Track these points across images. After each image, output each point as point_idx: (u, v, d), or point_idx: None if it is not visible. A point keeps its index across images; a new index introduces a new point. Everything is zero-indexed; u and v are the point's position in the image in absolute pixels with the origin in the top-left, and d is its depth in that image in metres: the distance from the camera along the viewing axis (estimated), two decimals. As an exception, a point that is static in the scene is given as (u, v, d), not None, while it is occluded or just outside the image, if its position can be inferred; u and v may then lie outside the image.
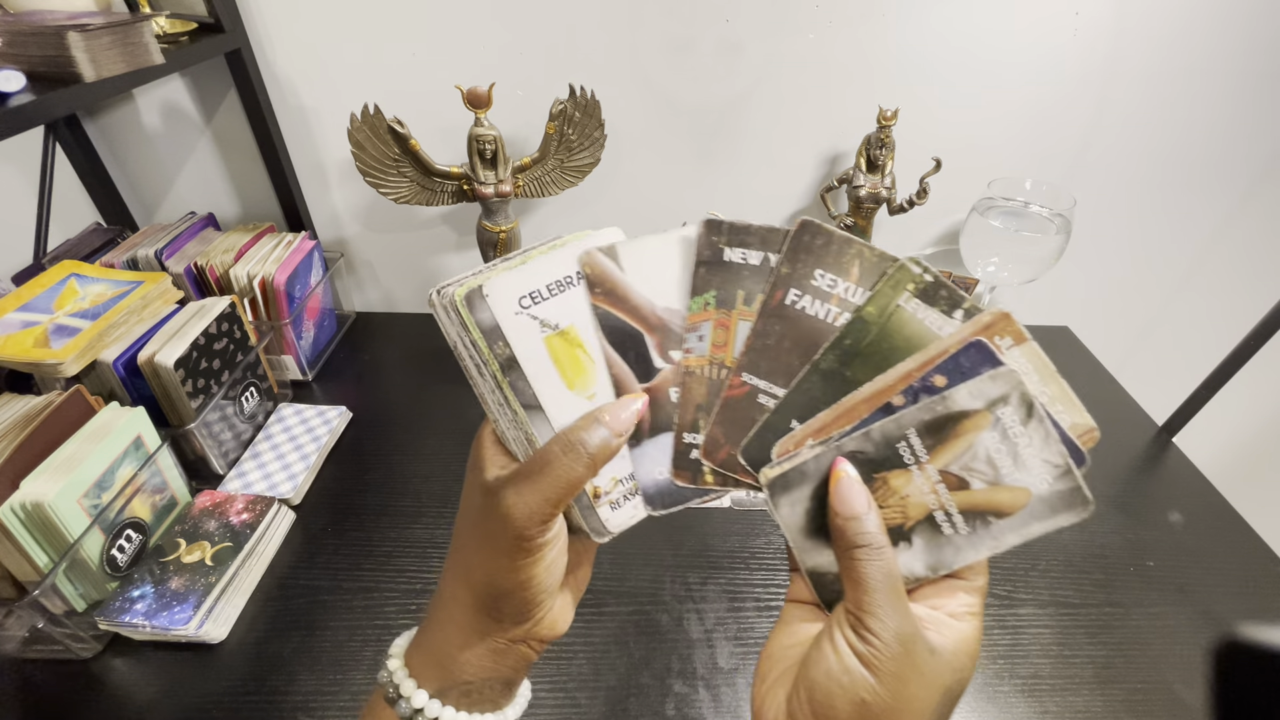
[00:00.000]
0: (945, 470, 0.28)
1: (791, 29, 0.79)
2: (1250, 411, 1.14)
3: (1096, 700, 0.55)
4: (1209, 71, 0.81)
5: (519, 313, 0.28)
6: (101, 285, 0.69)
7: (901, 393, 0.28)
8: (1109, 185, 0.90)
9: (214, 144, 0.89)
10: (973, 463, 0.27)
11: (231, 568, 0.60)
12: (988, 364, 0.27)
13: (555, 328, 0.29)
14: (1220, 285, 1.01)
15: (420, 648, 0.30)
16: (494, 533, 0.27)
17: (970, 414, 0.27)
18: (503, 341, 0.28)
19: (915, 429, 0.28)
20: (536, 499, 0.26)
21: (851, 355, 0.29)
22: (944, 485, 0.28)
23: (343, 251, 0.97)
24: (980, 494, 0.28)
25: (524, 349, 0.28)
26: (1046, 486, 0.27)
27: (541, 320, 0.29)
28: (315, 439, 0.76)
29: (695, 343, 0.30)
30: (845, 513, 0.27)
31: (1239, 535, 0.70)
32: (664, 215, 0.87)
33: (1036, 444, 0.27)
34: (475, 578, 0.29)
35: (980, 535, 0.28)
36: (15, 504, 0.50)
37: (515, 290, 0.28)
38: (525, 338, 0.28)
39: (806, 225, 0.29)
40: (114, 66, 0.57)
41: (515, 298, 0.28)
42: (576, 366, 0.29)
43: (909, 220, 0.88)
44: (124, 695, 0.54)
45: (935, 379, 0.28)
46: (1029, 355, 0.28)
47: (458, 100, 0.72)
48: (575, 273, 0.29)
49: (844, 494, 0.27)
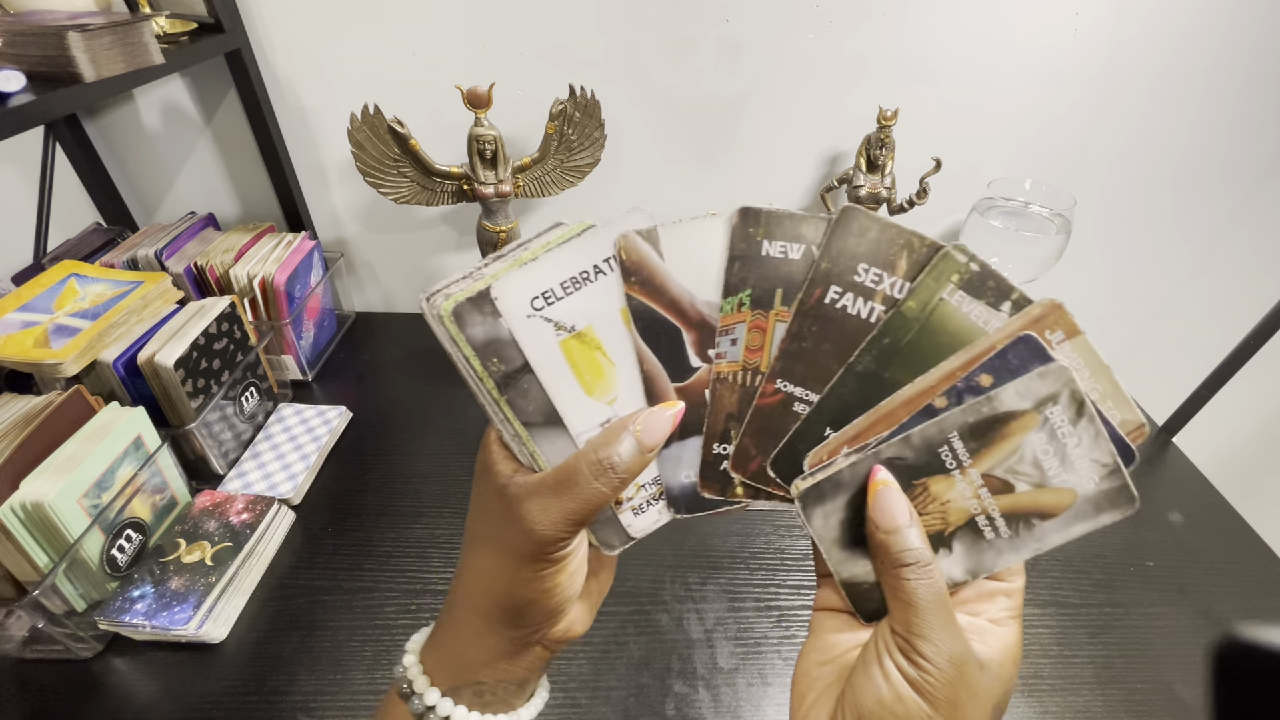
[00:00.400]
0: (989, 474, 0.26)
1: (791, 29, 0.79)
2: (1250, 411, 1.14)
3: (1096, 700, 0.55)
4: (1209, 73, 0.81)
5: (531, 315, 0.25)
6: (101, 285, 0.69)
7: (944, 393, 0.26)
8: (1109, 185, 0.90)
9: (214, 144, 0.89)
10: (1019, 465, 0.26)
11: (231, 568, 0.60)
12: (1037, 360, 0.25)
13: (571, 329, 0.26)
14: (1220, 286, 1.01)
15: (435, 646, 0.30)
16: (515, 543, 0.26)
17: (1018, 415, 0.25)
18: (497, 359, 0.26)
19: (958, 432, 0.26)
20: (560, 515, 0.25)
21: (891, 355, 0.27)
22: (986, 489, 0.26)
23: (343, 251, 0.97)
24: (1025, 497, 0.26)
25: (538, 356, 0.26)
26: (1094, 486, 0.26)
27: (557, 322, 0.26)
28: (315, 439, 0.76)
29: (728, 346, 0.28)
30: (886, 525, 0.26)
31: (1239, 535, 0.70)
32: (664, 215, 0.87)
33: (1086, 444, 0.25)
34: (495, 587, 0.28)
35: (1023, 538, 0.27)
36: (15, 504, 0.50)
37: (526, 291, 0.25)
38: (539, 343, 0.26)
39: (849, 213, 0.26)
40: (114, 66, 0.57)
41: (527, 299, 0.25)
42: (596, 371, 0.27)
43: (909, 220, 0.88)
44: (124, 695, 0.54)
45: (981, 378, 0.26)
46: (1080, 349, 0.26)
47: (458, 100, 0.72)
48: (593, 266, 0.26)
49: (884, 505, 0.26)
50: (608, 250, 0.27)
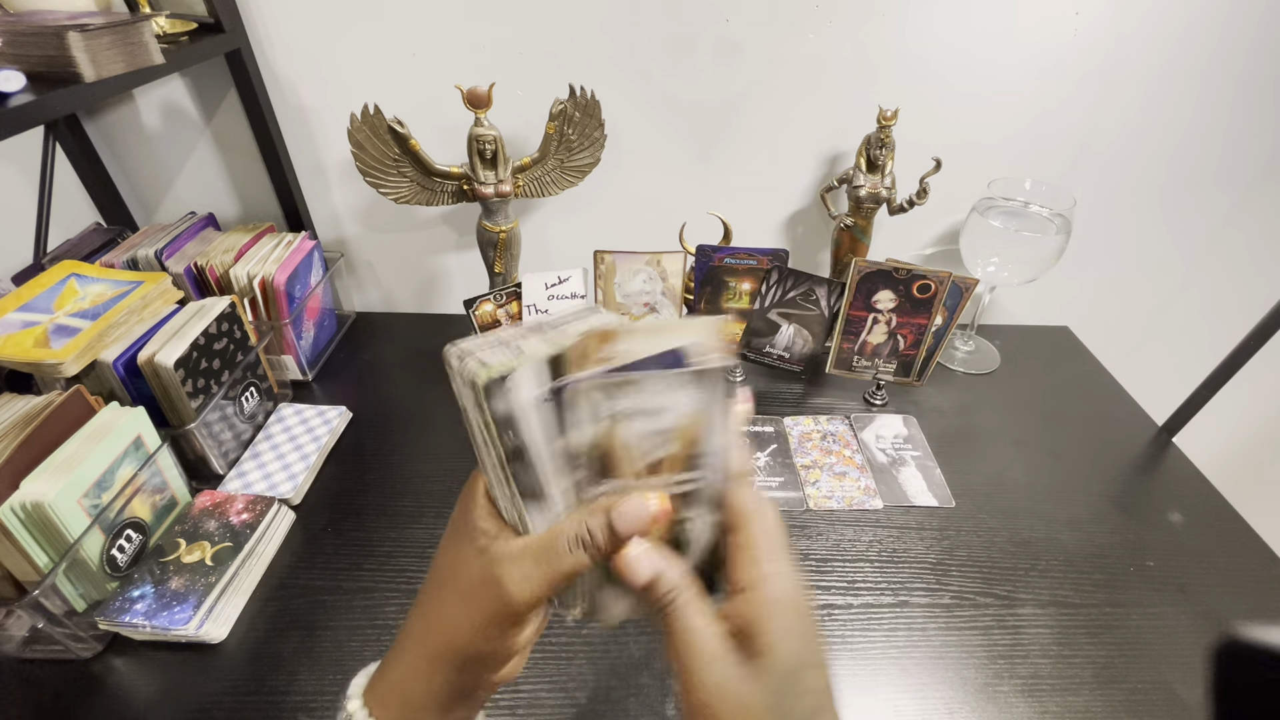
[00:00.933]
0: (650, 472, 0.28)
1: (791, 29, 0.79)
2: (1250, 411, 1.14)
3: (1096, 700, 0.55)
4: (1209, 73, 0.81)
5: (541, 405, 0.26)
6: (101, 285, 0.69)
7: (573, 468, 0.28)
8: (1109, 185, 0.90)
9: (214, 144, 0.89)
10: (649, 450, 0.28)
11: (231, 568, 0.60)
12: (561, 391, 0.26)
13: (623, 418, 0.28)
14: (1220, 285, 1.01)
15: (383, 683, 0.31)
16: (488, 603, 0.27)
17: (600, 432, 0.27)
18: (513, 432, 0.26)
19: (584, 485, 0.28)
20: (540, 582, 0.27)
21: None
22: (660, 480, 0.28)
23: (343, 251, 0.97)
24: (668, 457, 0.28)
25: (535, 439, 0.27)
26: (686, 402, 0.28)
27: (599, 405, 0.27)
28: (315, 439, 0.76)
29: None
30: (639, 581, 0.27)
31: (1239, 535, 0.70)
32: (664, 215, 0.87)
33: (641, 386, 0.27)
34: (458, 639, 0.29)
35: (700, 471, 0.29)
36: (15, 504, 0.50)
37: (542, 383, 0.26)
38: (540, 428, 0.26)
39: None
40: (114, 66, 0.57)
41: (545, 389, 0.26)
42: (619, 463, 0.28)
43: (909, 220, 0.88)
44: (124, 695, 0.54)
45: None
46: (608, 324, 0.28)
47: (458, 100, 0.72)
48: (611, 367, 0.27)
49: (632, 567, 0.27)
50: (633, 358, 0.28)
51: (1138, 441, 0.82)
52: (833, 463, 0.76)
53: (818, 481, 0.74)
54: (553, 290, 0.80)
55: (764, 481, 0.74)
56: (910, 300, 0.78)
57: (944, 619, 0.60)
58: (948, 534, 0.68)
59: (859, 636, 0.59)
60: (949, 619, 0.60)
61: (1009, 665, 0.57)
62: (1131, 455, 0.80)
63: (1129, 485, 0.76)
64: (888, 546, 0.67)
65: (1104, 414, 0.86)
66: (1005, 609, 0.61)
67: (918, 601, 0.62)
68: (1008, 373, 0.93)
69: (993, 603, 0.62)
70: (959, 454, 0.78)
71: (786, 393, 0.87)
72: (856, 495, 0.72)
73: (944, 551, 0.67)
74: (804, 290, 0.80)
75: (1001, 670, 0.56)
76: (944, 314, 0.79)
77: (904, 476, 0.75)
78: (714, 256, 0.80)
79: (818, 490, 0.73)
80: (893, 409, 0.84)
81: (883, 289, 0.78)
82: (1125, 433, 0.83)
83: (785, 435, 0.80)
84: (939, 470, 0.76)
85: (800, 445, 0.78)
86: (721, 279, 0.82)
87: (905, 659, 0.57)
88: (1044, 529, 0.69)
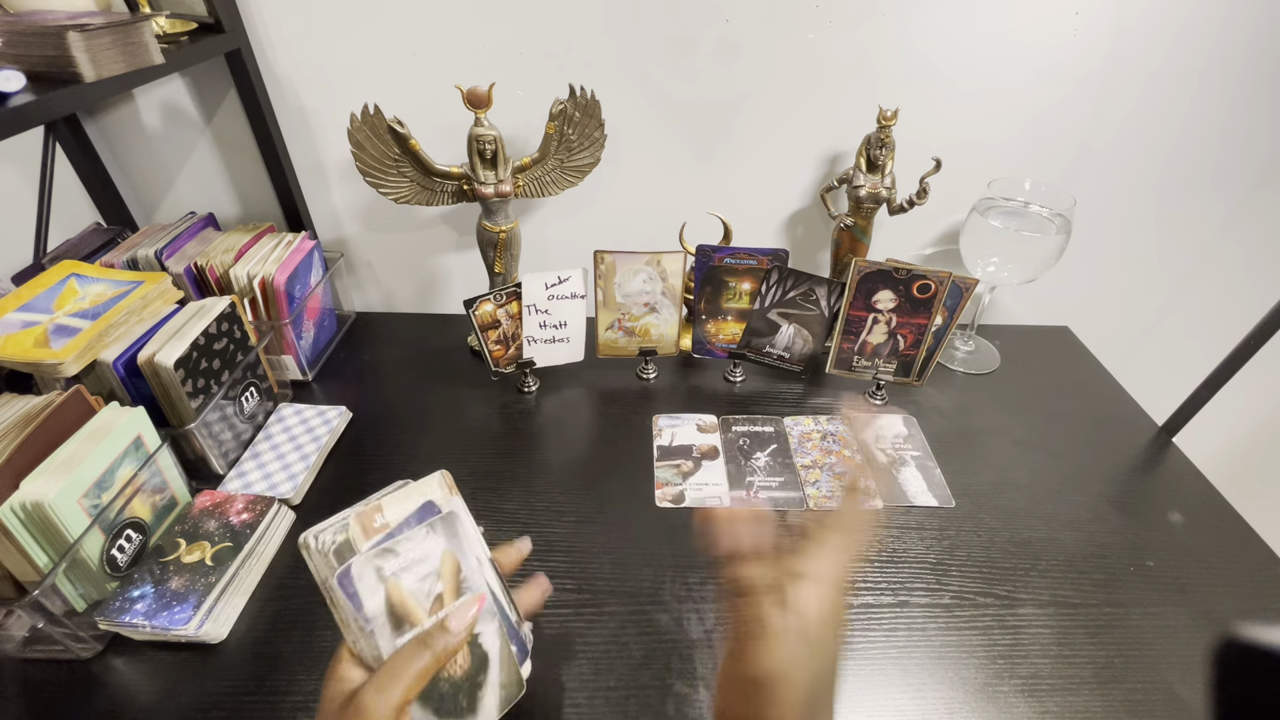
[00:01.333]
0: (436, 607, 0.40)
1: (791, 29, 0.79)
2: (1250, 411, 1.14)
3: (1096, 700, 0.55)
4: (1209, 72, 0.81)
5: (344, 576, 0.38)
6: (101, 285, 0.69)
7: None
8: (1109, 185, 0.90)
9: (214, 144, 0.89)
10: (428, 590, 0.40)
11: (231, 568, 0.60)
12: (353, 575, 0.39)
13: (394, 575, 0.39)
14: (1220, 285, 1.01)
15: None
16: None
17: (388, 589, 0.39)
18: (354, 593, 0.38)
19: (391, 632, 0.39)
20: (396, 694, 0.35)
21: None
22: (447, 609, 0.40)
23: (343, 251, 0.97)
24: (443, 591, 0.41)
25: (373, 599, 0.38)
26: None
27: (379, 569, 0.39)
28: (315, 439, 0.76)
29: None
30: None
31: (1239, 535, 0.70)
32: (664, 215, 0.87)
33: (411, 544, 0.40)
34: None
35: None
36: (15, 504, 0.50)
37: (372, 562, 0.39)
38: (375, 591, 0.38)
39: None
40: (114, 66, 0.57)
41: (374, 568, 0.39)
42: (407, 608, 0.39)
43: (909, 220, 0.88)
44: (124, 695, 0.54)
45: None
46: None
47: (458, 100, 0.72)
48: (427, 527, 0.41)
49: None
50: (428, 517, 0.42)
51: (1138, 441, 0.82)
52: (833, 463, 0.76)
53: (818, 481, 0.74)
54: (553, 290, 0.80)
55: (764, 481, 0.74)
56: (910, 300, 0.78)
57: (944, 619, 0.60)
58: (948, 534, 0.68)
59: (859, 636, 0.59)
60: (949, 619, 0.60)
61: (1009, 665, 0.57)
62: (1131, 455, 0.80)
63: (1129, 485, 0.76)
64: (888, 546, 0.67)
65: (1104, 414, 0.86)
66: (1005, 609, 0.61)
67: (918, 601, 0.62)
68: (1008, 373, 0.93)
69: (993, 603, 0.62)
70: (959, 454, 0.78)
71: (787, 393, 0.87)
72: (856, 495, 0.72)
73: (944, 551, 0.67)
74: (804, 290, 0.80)
75: (1001, 670, 0.56)
76: (944, 314, 0.80)
77: (904, 476, 0.75)
78: (714, 256, 0.80)
79: (818, 490, 0.73)
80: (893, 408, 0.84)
81: (883, 289, 0.79)
82: (1125, 433, 0.83)
83: (785, 435, 0.80)
84: (939, 470, 0.76)
85: (800, 445, 0.78)
86: (721, 279, 0.82)
87: (905, 659, 0.57)
88: (1044, 529, 0.69)
